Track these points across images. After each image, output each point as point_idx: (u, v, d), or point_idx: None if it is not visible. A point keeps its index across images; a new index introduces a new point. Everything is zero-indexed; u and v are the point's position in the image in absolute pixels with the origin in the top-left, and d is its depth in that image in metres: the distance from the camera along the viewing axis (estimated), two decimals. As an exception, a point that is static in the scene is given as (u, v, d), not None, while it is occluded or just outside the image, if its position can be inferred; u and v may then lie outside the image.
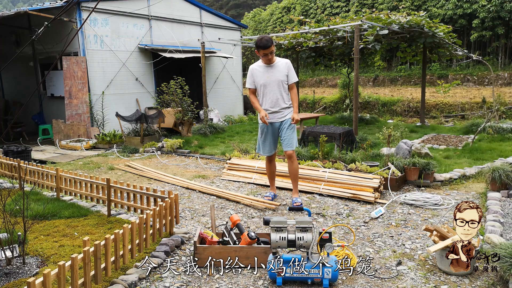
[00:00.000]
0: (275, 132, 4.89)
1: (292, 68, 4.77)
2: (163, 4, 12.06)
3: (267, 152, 4.98)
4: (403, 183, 5.60)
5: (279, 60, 4.77)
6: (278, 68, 4.73)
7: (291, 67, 4.75)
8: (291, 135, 4.82)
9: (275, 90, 4.72)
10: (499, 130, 8.83)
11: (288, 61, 4.78)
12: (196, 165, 7.33)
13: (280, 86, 4.71)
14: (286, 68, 4.72)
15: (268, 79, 4.72)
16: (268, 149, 4.97)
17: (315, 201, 5.06)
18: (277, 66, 4.73)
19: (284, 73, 4.71)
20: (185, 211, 4.76)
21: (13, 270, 3.13)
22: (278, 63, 4.75)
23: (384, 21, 9.08)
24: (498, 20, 19.78)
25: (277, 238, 3.05)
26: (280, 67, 4.73)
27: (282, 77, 4.70)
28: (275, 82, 4.70)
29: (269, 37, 4.59)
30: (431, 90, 18.24)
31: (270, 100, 4.76)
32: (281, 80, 4.71)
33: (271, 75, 4.71)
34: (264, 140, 4.94)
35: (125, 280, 2.96)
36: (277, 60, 4.77)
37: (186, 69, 13.75)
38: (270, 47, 4.55)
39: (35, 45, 11.18)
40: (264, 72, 4.75)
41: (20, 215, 3.55)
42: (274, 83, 4.70)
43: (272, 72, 4.71)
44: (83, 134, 10.00)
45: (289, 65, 4.75)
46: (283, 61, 4.76)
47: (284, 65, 4.73)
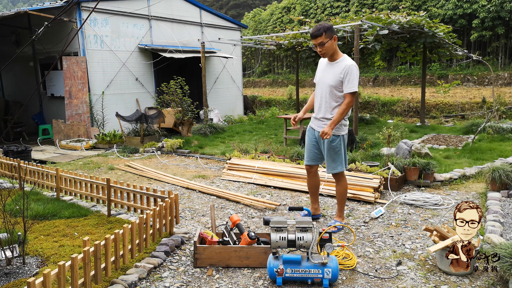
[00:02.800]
0: (313, 139, 4.12)
1: (352, 73, 3.73)
2: (163, 4, 12.06)
3: (305, 160, 4.24)
4: (403, 183, 5.60)
5: (342, 60, 3.85)
6: (335, 69, 3.83)
7: (351, 72, 3.73)
8: (333, 156, 3.95)
9: (322, 94, 3.94)
10: (499, 130, 8.83)
11: (351, 64, 3.77)
12: (196, 165, 7.33)
13: (329, 91, 3.87)
14: (343, 72, 3.75)
15: (321, 78, 3.97)
16: (306, 156, 4.22)
17: (315, 201, 5.05)
18: (335, 67, 3.85)
19: (338, 78, 3.79)
20: (185, 211, 4.76)
21: (13, 270, 3.13)
22: (339, 63, 3.84)
23: (384, 21, 9.08)
24: (498, 20, 19.79)
25: (277, 238, 3.04)
26: (338, 69, 3.81)
27: (333, 81, 3.82)
28: (325, 85, 3.90)
29: (323, 25, 3.71)
30: (431, 90, 18.25)
31: (317, 103, 4.04)
32: (331, 85, 3.83)
33: (326, 74, 3.91)
34: (305, 145, 4.25)
35: (125, 280, 2.96)
36: (341, 59, 3.86)
37: (186, 69, 13.76)
38: (318, 37, 3.72)
39: (35, 45, 11.18)
40: (323, 70, 3.98)
41: (20, 215, 3.55)
42: (324, 86, 3.91)
43: (328, 72, 3.90)
44: (83, 134, 10.00)
45: (349, 70, 3.73)
46: (344, 63, 3.80)
47: (342, 67, 3.78)
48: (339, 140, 3.93)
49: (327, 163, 4.02)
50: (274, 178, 5.79)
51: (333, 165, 3.99)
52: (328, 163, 4.01)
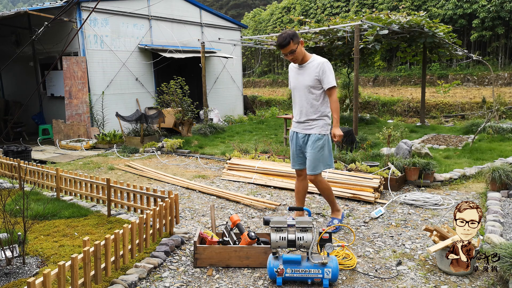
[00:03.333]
0: (298, 144, 4.06)
1: (327, 69, 3.79)
2: (163, 4, 12.06)
3: (293, 164, 4.20)
4: (403, 183, 5.60)
5: (313, 60, 3.87)
6: (308, 70, 3.86)
7: (325, 69, 3.78)
8: (316, 155, 3.89)
9: (302, 97, 3.93)
10: (499, 130, 8.83)
11: (324, 61, 3.82)
12: (196, 165, 7.33)
13: (307, 92, 3.88)
14: (318, 70, 3.79)
15: (297, 83, 3.96)
16: (293, 161, 4.17)
17: (315, 201, 5.06)
18: (308, 68, 3.86)
19: (313, 77, 3.82)
20: (185, 211, 4.76)
21: (13, 270, 3.13)
22: (311, 63, 3.86)
23: (384, 21, 9.08)
24: (498, 20, 19.79)
25: (277, 238, 3.04)
26: (311, 69, 3.84)
27: (310, 81, 3.84)
28: (302, 87, 3.90)
29: (288, 33, 3.73)
30: (431, 90, 18.25)
31: (297, 108, 4.02)
32: (308, 85, 3.85)
33: (301, 78, 3.92)
34: (291, 150, 4.21)
35: (125, 280, 2.96)
36: (311, 59, 3.88)
37: (186, 69, 13.76)
38: (286, 46, 3.73)
39: (35, 45, 11.19)
40: (296, 74, 3.98)
41: (20, 215, 3.55)
42: (302, 88, 3.91)
43: (302, 75, 3.91)
44: (83, 134, 10.00)
45: (323, 66, 3.78)
46: (316, 62, 3.84)
47: (316, 66, 3.81)
48: (324, 139, 3.91)
49: (309, 163, 3.92)
50: (274, 178, 5.79)
51: (315, 165, 3.90)
52: (311, 163, 3.91)
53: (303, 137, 3.99)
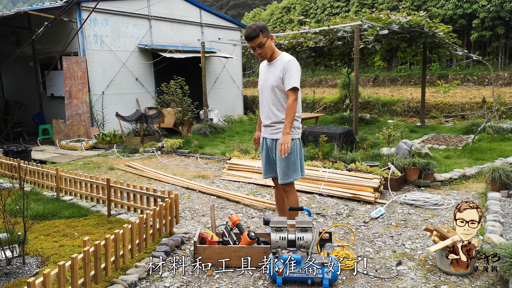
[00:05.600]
0: (268, 150, 3.70)
1: (291, 69, 3.40)
2: (163, 4, 12.06)
3: (263, 173, 3.83)
4: (403, 183, 5.60)
5: (280, 58, 3.52)
6: (275, 68, 3.52)
7: (289, 68, 3.40)
8: (285, 161, 3.50)
9: (268, 98, 3.58)
10: (499, 130, 8.83)
11: (290, 60, 3.44)
12: (196, 165, 7.33)
13: (272, 92, 3.52)
14: (282, 69, 3.43)
15: (264, 83, 3.63)
16: (263, 170, 3.81)
17: (315, 201, 5.06)
18: (275, 66, 3.52)
19: (278, 76, 3.46)
20: (185, 211, 4.76)
21: (13, 270, 3.13)
22: (278, 61, 3.51)
23: (384, 21, 9.08)
24: (498, 20, 19.79)
25: (277, 238, 3.04)
26: (277, 67, 3.49)
27: (274, 81, 3.49)
28: (268, 87, 3.55)
29: (257, 25, 3.40)
30: (431, 90, 18.25)
31: (264, 111, 3.65)
32: (273, 85, 3.50)
33: (268, 76, 3.58)
34: (262, 157, 3.81)
35: (125, 280, 2.96)
36: (280, 57, 3.53)
37: (186, 69, 13.75)
38: (255, 38, 3.38)
39: (35, 45, 11.18)
40: (264, 73, 3.65)
41: (20, 215, 3.55)
42: (267, 89, 3.57)
43: (268, 73, 3.58)
44: (83, 134, 10.00)
45: (288, 65, 3.41)
46: (282, 60, 3.48)
47: (280, 64, 3.47)
48: (292, 145, 3.47)
49: (280, 171, 3.55)
50: (274, 178, 5.79)
51: (287, 173, 3.52)
52: (281, 171, 3.53)
53: (271, 142, 3.63)
